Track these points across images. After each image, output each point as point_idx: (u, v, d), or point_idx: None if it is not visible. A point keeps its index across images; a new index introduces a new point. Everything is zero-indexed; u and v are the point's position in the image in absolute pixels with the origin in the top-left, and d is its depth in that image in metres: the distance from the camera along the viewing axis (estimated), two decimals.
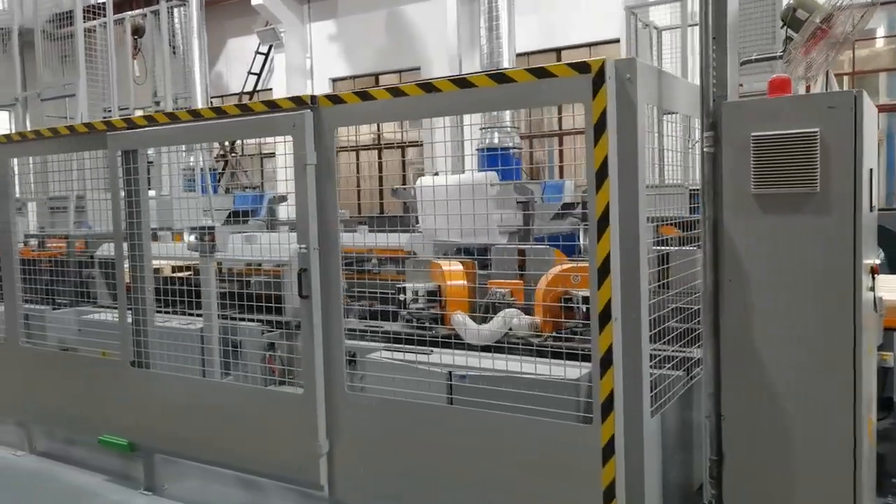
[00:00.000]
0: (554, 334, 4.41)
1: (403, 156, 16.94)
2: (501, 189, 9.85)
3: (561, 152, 14.87)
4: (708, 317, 2.90)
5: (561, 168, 11.20)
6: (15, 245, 4.88)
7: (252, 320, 5.47)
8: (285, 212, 13.59)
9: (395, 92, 3.20)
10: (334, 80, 17.99)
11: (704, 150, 2.88)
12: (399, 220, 6.11)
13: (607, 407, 2.81)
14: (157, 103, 11.73)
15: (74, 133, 4.35)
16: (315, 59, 18.05)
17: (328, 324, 3.47)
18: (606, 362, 2.80)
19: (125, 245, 4.17)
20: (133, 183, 4.13)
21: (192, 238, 5.15)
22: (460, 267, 5.00)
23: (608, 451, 2.80)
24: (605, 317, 2.79)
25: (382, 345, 4.38)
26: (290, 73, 17.82)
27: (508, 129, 10.81)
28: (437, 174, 7.12)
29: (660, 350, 3.11)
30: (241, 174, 17.43)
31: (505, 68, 7.92)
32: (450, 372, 3.97)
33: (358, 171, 16.49)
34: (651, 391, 2.90)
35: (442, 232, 6.16)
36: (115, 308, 5.81)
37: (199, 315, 5.05)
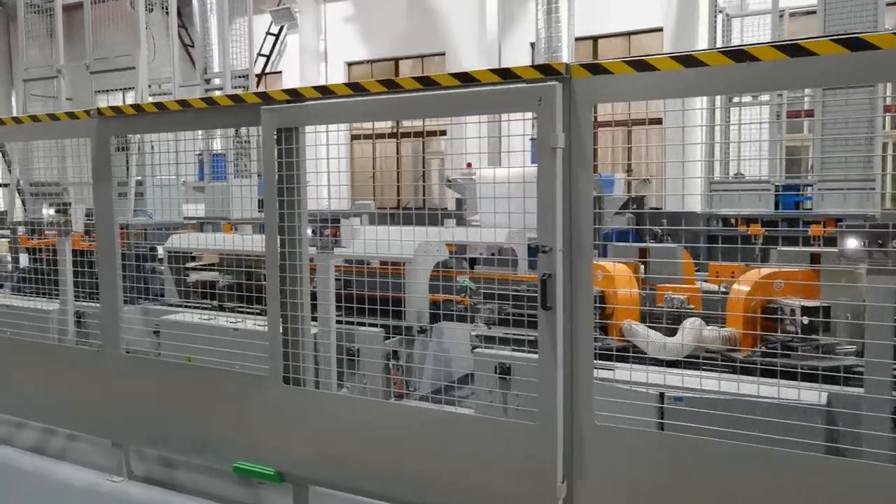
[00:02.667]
0: (762, 349, 3.89)
1: (424, 149, 16.28)
2: None
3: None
4: None
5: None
6: (116, 237, 4.17)
7: (366, 325, 4.87)
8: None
9: (688, 61, 2.60)
10: (350, 65, 17.24)
11: None
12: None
13: None
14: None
15: (214, 107, 3.66)
16: (329, 42, 17.26)
17: (575, 341, 2.87)
18: None
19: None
20: (290, 167, 3.47)
21: (309, 231, 4.55)
22: (626, 269, 4.45)
23: None
24: None
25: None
26: (303, 56, 17.02)
27: None
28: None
29: None
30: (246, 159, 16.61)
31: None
32: (661, 393, 3.43)
33: (374, 163, 15.80)
34: None
35: (501, 227, 5.60)
36: (203, 308, 5.14)
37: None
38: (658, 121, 12.55)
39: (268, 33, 17.50)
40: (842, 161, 7.44)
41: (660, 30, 13.45)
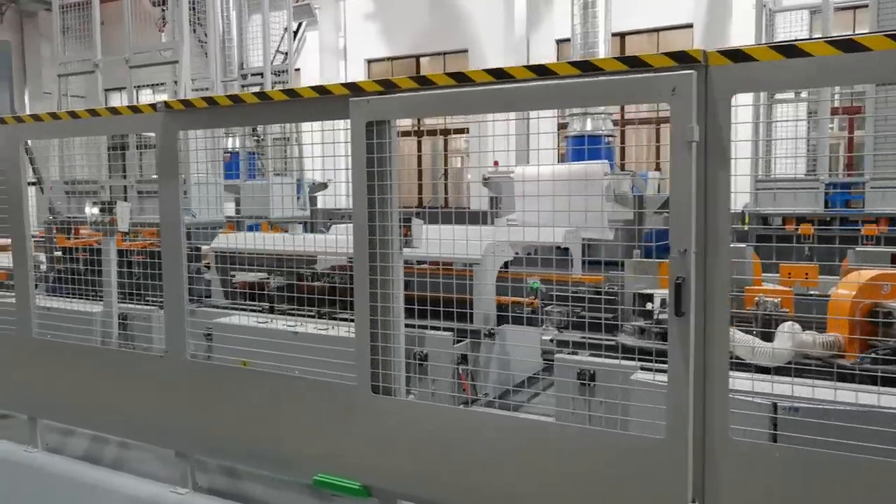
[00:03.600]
0: (872, 356, 3.68)
1: (446, 147, 16.05)
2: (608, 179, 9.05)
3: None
4: None
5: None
6: (183, 238, 3.96)
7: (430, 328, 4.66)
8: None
9: (849, 46, 2.39)
10: (370, 62, 17.03)
11: None
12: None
13: None
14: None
15: (297, 99, 3.44)
16: (349, 39, 17.05)
17: (708, 350, 2.66)
18: None
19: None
20: (381, 163, 3.26)
21: None
22: None
23: None
24: None
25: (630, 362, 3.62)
26: (322, 54, 16.81)
27: (602, 116, 10.03)
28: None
29: None
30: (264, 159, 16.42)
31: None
32: (774, 403, 3.22)
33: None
34: None
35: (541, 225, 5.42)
36: (250, 310, 4.93)
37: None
38: None
39: (286, 30, 17.29)
40: None
41: (690, 26, 13.23)
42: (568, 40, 14.52)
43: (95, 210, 5.67)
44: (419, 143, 16.47)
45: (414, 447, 3.28)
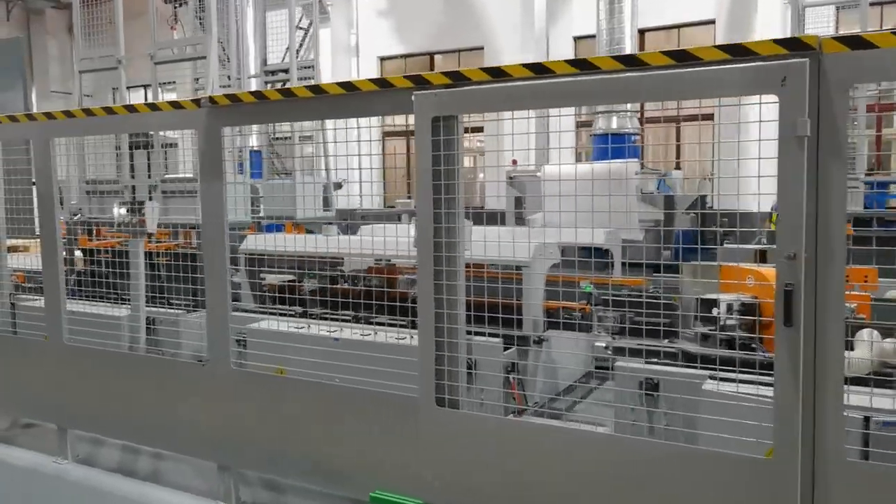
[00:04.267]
0: None
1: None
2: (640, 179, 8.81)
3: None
4: None
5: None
6: (226, 239, 3.75)
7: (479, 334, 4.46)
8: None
9: None
10: (383, 59, 16.82)
11: None
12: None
13: None
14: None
15: (354, 93, 3.23)
16: (361, 36, 16.83)
17: (820, 362, 2.44)
18: None
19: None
20: (447, 160, 3.05)
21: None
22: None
23: None
24: None
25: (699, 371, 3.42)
26: (334, 51, 16.60)
27: (628, 113, 9.81)
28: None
29: None
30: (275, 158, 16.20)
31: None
32: (866, 417, 3.01)
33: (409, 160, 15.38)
34: None
35: (567, 227, 5.22)
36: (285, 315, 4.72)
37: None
38: (709, 117, 12.14)
39: (297, 27, 17.07)
40: None
41: (712, 22, 13.00)
42: (586, 37, 14.33)
43: (123, 210, 5.47)
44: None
45: (483, 463, 3.07)
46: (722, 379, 3.43)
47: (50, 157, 4.40)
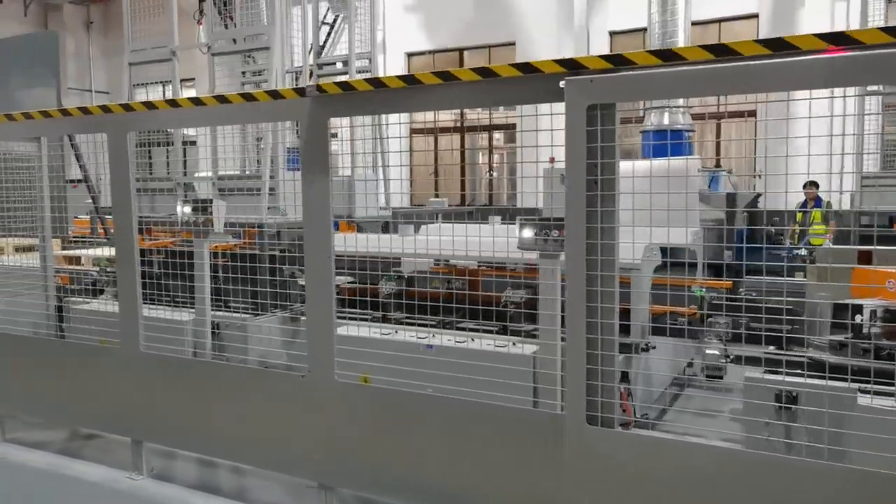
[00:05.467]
0: None
1: (491, 142, 15.54)
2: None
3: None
4: None
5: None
6: (332, 242, 3.45)
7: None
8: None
9: None
10: (410, 55, 16.52)
11: None
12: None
13: None
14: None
15: (490, 79, 2.92)
16: (388, 32, 16.51)
17: None
18: None
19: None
20: (603, 153, 2.75)
21: (528, 232, 3.87)
22: None
23: None
24: None
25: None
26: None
27: (681, 108, 9.50)
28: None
29: None
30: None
31: None
32: None
33: (436, 157, 15.11)
34: None
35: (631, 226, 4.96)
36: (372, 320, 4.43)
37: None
38: (752, 113, 11.82)
39: (322, 22, 16.77)
40: None
41: (755, 16, 12.69)
42: (623, 32, 14.03)
43: (187, 209, 5.17)
44: (462, 138, 15.98)
45: (648, 491, 2.77)
46: (876, 393, 3.15)
47: (127, 152, 4.10)
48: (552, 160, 9.39)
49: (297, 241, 5.97)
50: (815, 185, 8.27)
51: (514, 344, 4.15)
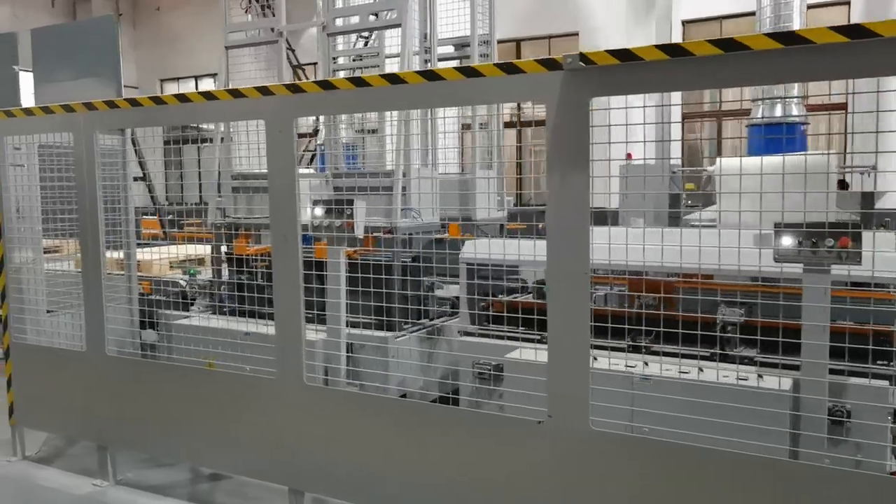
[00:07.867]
0: None
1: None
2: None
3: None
4: None
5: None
6: (587, 249, 2.70)
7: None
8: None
9: None
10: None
11: None
12: None
13: None
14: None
15: (685, 57, 2.17)
16: (439, 23, 15.70)
17: None
18: None
19: None
20: None
21: (788, 240, 3.22)
22: None
23: None
24: None
25: None
26: (409, 39, 15.46)
27: (795, 99, 8.73)
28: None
29: None
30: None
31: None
32: None
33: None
34: None
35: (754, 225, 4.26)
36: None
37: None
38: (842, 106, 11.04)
39: (370, 14, 16.02)
40: None
41: (846, 3, 11.93)
42: (696, 21, 13.27)
43: (319, 211, 4.42)
44: (519, 133, 15.24)
45: None
46: None
47: (293, 146, 3.37)
48: (629, 156, 8.32)
49: (432, 249, 5.25)
50: None
51: (761, 377, 3.41)
